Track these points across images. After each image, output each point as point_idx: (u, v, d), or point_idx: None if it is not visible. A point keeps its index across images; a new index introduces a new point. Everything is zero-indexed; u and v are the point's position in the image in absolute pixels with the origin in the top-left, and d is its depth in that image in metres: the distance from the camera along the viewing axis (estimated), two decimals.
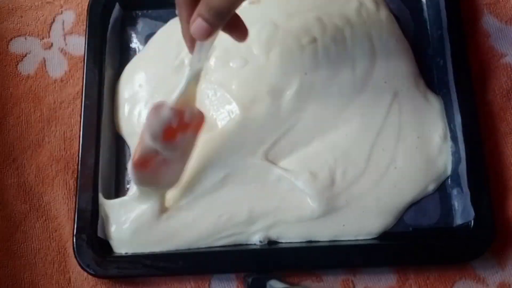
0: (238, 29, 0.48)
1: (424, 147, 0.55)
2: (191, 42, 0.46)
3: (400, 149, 0.55)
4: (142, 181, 0.49)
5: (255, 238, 0.53)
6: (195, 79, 0.48)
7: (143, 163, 0.48)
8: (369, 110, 0.56)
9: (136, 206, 0.53)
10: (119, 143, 0.58)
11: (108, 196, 0.55)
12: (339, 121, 0.55)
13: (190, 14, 0.43)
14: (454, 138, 0.55)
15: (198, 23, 0.42)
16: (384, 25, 0.58)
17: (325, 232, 0.53)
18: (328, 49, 0.56)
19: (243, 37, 0.48)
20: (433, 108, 0.56)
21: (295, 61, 0.56)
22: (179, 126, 0.48)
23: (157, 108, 0.47)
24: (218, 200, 0.54)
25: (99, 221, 0.53)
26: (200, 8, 0.42)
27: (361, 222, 0.53)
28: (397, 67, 0.57)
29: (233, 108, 0.55)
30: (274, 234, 0.53)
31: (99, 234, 0.52)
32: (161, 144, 0.47)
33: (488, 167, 0.53)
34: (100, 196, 0.54)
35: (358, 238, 0.52)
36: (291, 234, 0.53)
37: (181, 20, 0.46)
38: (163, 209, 0.53)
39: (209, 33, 0.43)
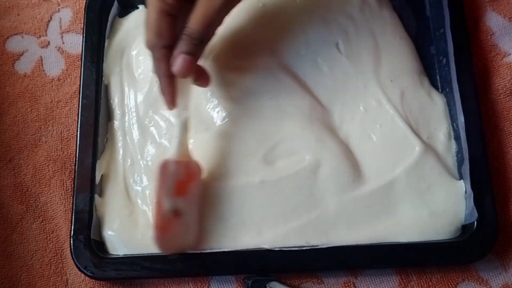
0: (202, 77, 0.52)
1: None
2: (171, 95, 0.48)
3: None
4: (168, 247, 0.50)
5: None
6: (185, 128, 0.50)
7: (164, 227, 0.48)
8: (377, 110, 0.55)
9: (132, 207, 0.53)
10: None
11: (105, 197, 0.54)
12: (344, 123, 0.55)
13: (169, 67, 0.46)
14: (457, 138, 0.54)
15: (181, 59, 0.45)
16: (387, 23, 0.58)
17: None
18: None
19: (206, 84, 0.52)
20: (437, 106, 0.56)
21: None
22: (186, 178, 0.50)
23: (163, 167, 0.48)
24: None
25: (94, 223, 0.52)
26: (180, 45, 0.45)
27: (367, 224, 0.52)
28: (402, 65, 0.56)
29: (231, 109, 0.54)
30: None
31: (94, 236, 0.52)
32: (176, 200, 0.48)
33: (491, 168, 0.53)
34: (96, 197, 0.53)
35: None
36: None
37: (160, 76, 0.48)
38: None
39: (192, 64, 0.46)
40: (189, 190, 0.50)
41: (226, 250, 0.51)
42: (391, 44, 0.57)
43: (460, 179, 0.53)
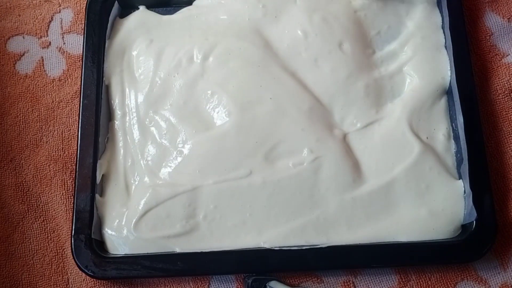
0: None
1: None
2: None
3: None
4: None
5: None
6: None
7: None
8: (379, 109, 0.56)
9: (132, 205, 0.53)
10: None
11: (105, 197, 0.54)
12: (344, 123, 0.55)
13: None
14: (456, 138, 0.54)
15: None
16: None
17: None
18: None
19: None
20: (437, 107, 0.56)
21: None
22: None
23: None
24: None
25: (95, 222, 0.53)
26: None
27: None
28: None
29: (231, 109, 0.55)
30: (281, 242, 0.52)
31: (94, 235, 0.52)
32: None
33: (490, 168, 0.53)
34: (97, 196, 0.53)
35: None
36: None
37: None
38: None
39: None
40: None
41: (226, 249, 0.52)
42: None
43: (459, 179, 0.53)
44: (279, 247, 0.51)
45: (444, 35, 0.57)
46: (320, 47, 0.57)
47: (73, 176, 0.55)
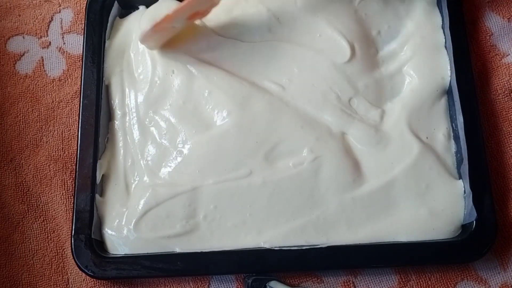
0: None
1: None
2: None
3: None
4: (149, 39, 0.55)
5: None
6: None
7: (159, 26, 0.52)
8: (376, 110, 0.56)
9: (132, 205, 0.53)
10: None
11: (105, 197, 0.54)
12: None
13: None
14: (456, 138, 0.54)
15: None
16: None
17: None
18: None
19: None
20: (437, 106, 0.55)
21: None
22: (204, 11, 0.54)
23: None
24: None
25: (95, 222, 0.53)
26: None
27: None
28: None
29: (231, 108, 0.55)
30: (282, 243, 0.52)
31: (94, 235, 0.52)
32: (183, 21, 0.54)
33: (490, 168, 0.53)
34: (97, 196, 0.53)
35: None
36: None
37: None
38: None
39: None
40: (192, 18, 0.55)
41: (226, 249, 0.52)
42: None
43: (459, 179, 0.53)
44: (279, 247, 0.51)
45: (444, 35, 0.57)
46: (320, 60, 0.57)
47: (73, 176, 0.55)
